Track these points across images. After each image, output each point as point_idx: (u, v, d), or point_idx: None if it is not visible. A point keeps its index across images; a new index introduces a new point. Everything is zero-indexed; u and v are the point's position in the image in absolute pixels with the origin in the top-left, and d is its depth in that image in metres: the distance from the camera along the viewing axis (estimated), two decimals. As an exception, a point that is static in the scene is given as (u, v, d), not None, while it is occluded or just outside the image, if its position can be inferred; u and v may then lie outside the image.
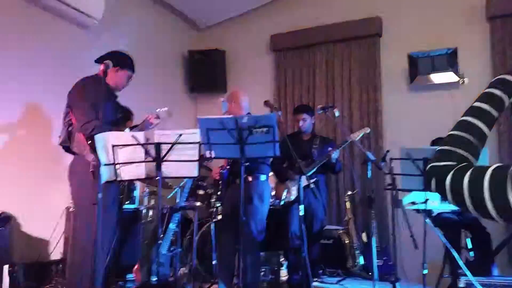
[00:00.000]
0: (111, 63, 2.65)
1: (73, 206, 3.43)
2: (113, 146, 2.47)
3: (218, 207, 3.98)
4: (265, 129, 2.64)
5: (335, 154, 3.67)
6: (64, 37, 4.08)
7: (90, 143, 2.60)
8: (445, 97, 4.63)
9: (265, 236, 3.31)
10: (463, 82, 4.20)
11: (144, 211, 4.05)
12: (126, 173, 2.58)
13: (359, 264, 4.17)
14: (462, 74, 4.26)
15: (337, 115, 3.75)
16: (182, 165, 2.61)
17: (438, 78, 4.63)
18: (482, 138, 0.87)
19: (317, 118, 4.29)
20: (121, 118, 3.20)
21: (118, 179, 2.54)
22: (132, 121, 3.78)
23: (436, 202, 3.20)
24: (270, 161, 3.43)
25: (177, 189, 4.06)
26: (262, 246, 3.32)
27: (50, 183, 3.80)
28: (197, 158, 2.59)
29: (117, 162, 2.49)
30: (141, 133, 2.60)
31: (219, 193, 3.93)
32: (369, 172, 3.50)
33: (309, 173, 3.54)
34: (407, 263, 3.32)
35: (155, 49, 5.23)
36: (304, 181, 3.08)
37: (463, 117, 0.90)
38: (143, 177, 2.70)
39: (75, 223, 3.03)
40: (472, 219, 3.47)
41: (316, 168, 3.67)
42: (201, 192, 3.92)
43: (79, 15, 4.05)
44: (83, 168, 2.66)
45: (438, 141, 3.72)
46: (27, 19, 3.76)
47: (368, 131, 3.96)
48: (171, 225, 3.64)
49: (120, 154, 2.50)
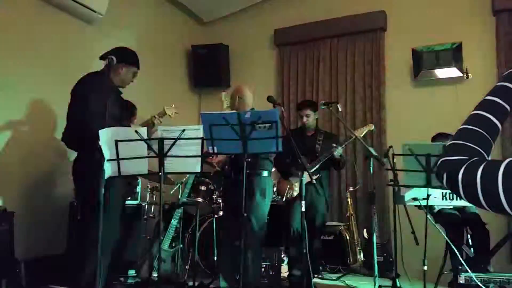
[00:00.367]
0: (114, 59, 2.65)
1: (76, 202, 3.46)
2: (116, 141, 2.49)
3: (220, 203, 4.00)
4: (268, 125, 2.64)
5: (338, 150, 3.66)
6: (68, 31, 4.09)
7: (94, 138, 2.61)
8: (450, 92, 4.61)
9: (266, 232, 3.33)
10: (468, 76, 4.17)
11: (146, 207, 4.08)
12: (129, 169, 2.59)
13: (360, 260, 4.19)
14: (466, 68, 4.23)
15: (340, 110, 3.74)
16: (184, 161, 2.62)
17: (442, 72, 4.59)
18: (494, 132, 0.85)
19: (320, 113, 4.29)
20: (125, 113, 3.21)
21: (121, 174, 2.56)
22: (135, 116, 3.80)
23: (437, 198, 3.20)
24: (273, 157, 3.43)
25: (179, 185, 4.08)
26: (263, 241, 3.33)
27: (53, 179, 3.83)
28: (200, 154, 2.60)
29: (120, 157, 2.50)
30: (144, 129, 2.61)
31: (221, 188, 3.95)
32: (371, 168, 3.51)
33: (312, 170, 3.54)
34: (407, 259, 3.33)
35: (159, 44, 5.23)
36: (307, 178, 3.08)
37: (474, 110, 0.88)
38: (146, 173, 2.71)
39: (79, 219, 3.06)
40: (472, 215, 3.47)
41: (319, 164, 3.68)
42: (203, 188, 3.93)
43: (83, 9, 4.05)
44: (86, 164, 2.68)
45: (437, 137, 3.71)
46: (31, 15, 3.76)
47: (372, 128, 3.95)
48: (173, 221, 3.67)
49: (123, 149, 2.51)
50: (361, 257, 4.19)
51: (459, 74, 4.46)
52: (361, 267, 4.23)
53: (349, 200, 4.52)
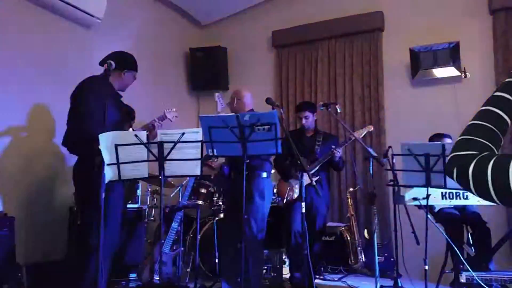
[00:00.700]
0: (113, 64, 2.65)
1: (76, 206, 3.46)
2: (116, 145, 2.49)
3: (220, 205, 4.00)
4: (267, 127, 2.64)
5: (338, 152, 3.67)
6: (66, 36, 4.09)
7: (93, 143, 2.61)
8: (448, 91, 4.62)
9: (267, 233, 3.32)
10: (466, 75, 4.18)
11: (147, 210, 4.08)
12: (129, 173, 2.59)
13: (361, 261, 4.19)
14: (464, 68, 4.24)
15: (339, 111, 3.75)
16: (184, 164, 2.63)
17: (440, 72, 4.60)
18: (503, 127, 0.85)
19: (318, 114, 4.29)
20: (125, 117, 3.22)
21: (121, 178, 2.56)
22: (134, 121, 3.80)
23: (437, 198, 3.20)
24: (273, 159, 3.43)
25: (179, 188, 4.08)
26: (264, 243, 3.33)
27: (53, 184, 3.83)
28: (199, 156, 2.61)
29: (120, 161, 2.51)
30: (144, 133, 2.61)
31: (221, 189, 3.95)
32: (371, 168, 3.51)
33: (312, 171, 3.55)
34: (408, 259, 3.33)
35: (157, 47, 5.23)
36: (307, 180, 3.08)
37: (484, 106, 0.88)
38: (146, 177, 2.71)
39: (79, 223, 3.05)
40: (472, 214, 3.48)
41: (318, 166, 3.68)
42: (204, 190, 3.94)
43: (81, 14, 4.06)
44: (87, 168, 2.68)
45: (434, 138, 3.71)
46: (29, 19, 3.76)
47: (371, 129, 3.95)
48: (173, 224, 3.67)
49: (123, 153, 2.51)
50: (362, 257, 4.19)
51: (457, 73, 4.47)
52: (363, 268, 4.23)
53: (349, 200, 4.52)
